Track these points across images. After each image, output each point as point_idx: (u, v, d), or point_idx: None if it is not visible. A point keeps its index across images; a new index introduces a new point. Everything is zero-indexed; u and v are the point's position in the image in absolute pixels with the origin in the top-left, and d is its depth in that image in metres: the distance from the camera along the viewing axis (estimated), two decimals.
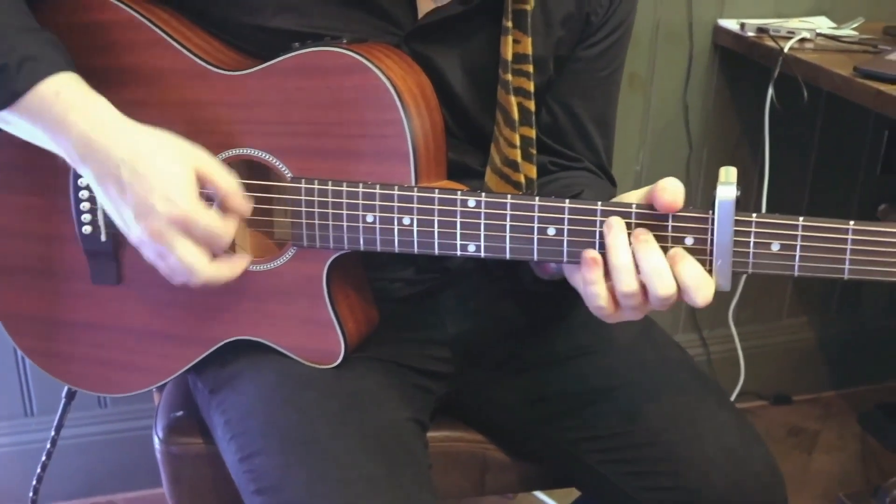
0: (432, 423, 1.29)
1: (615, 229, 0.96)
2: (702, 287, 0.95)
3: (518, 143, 1.15)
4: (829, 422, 2.44)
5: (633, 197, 1.00)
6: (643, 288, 0.96)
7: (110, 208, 1.05)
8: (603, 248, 0.98)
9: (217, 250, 1.05)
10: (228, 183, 1.05)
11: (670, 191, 0.95)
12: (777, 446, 2.30)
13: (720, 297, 2.27)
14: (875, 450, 2.33)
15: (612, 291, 0.98)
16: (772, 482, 1.18)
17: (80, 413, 1.99)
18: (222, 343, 1.17)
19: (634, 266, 0.96)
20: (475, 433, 1.34)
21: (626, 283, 0.96)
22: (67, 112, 1.02)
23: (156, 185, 1.00)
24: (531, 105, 1.15)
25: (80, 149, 1.03)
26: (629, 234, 0.97)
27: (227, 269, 1.07)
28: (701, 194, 2.22)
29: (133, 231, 1.03)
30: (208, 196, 1.05)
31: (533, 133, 1.16)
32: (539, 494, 2.06)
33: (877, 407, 2.43)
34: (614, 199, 1.01)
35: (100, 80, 1.07)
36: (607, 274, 0.98)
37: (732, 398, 2.38)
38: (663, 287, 0.95)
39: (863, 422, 2.42)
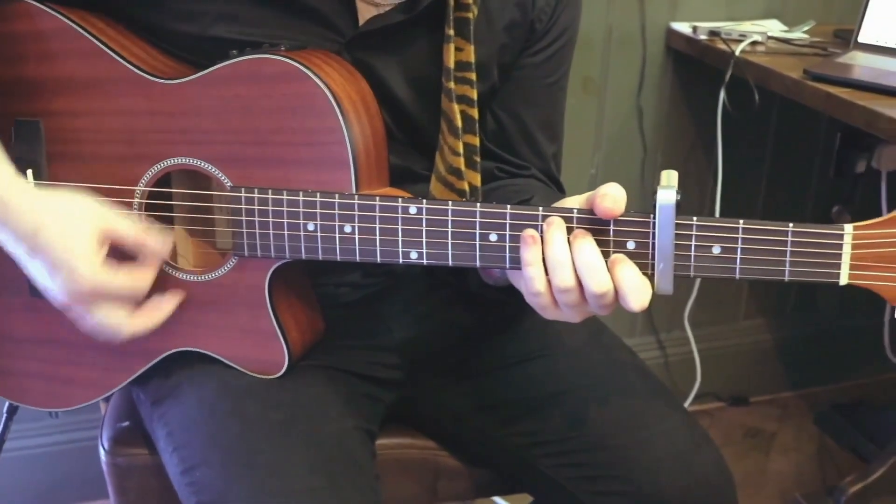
0: (382, 431, 1.28)
1: (554, 226, 0.96)
2: (637, 291, 0.94)
3: (461, 151, 1.14)
4: (786, 422, 2.46)
5: (576, 201, 0.99)
6: (580, 285, 0.95)
7: (28, 271, 1.05)
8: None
9: (135, 302, 1.06)
10: (135, 232, 1.05)
11: (611, 197, 0.94)
12: (734, 447, 2.32)
13: (676, 299, 2.31)
14: (831, 450, 2.35)
15: (550, 287, 0.97)
16: (722, 484, 1.18)
17: (30, 424, 1.97)
18: (165, 354, 1.16)
19: (572, 263, 0.95)
20: (426, 440, 1.33)
21: (562, 277, 0.95)
22: None
23: (57, 260, 1.01)
24: (474, 113, 1.15)
25: None
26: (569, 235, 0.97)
27: (149, 317, 1.08)
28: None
29: (51, 294, 1.04)
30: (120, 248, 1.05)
31: (476, 141, 1.16)
32: (498, 500, 2.05)
33: (833, 407, 2.45)
34: (556, 204, 1.01)
35: (34, 91, 1.06)
36: (547, 270, 0.97)
37: (689, 400, 2.39)
38: (597, 283, 0.94)
39: (819, 422, 2.43)
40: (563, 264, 0.95)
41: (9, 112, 1.05)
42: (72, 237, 1.01)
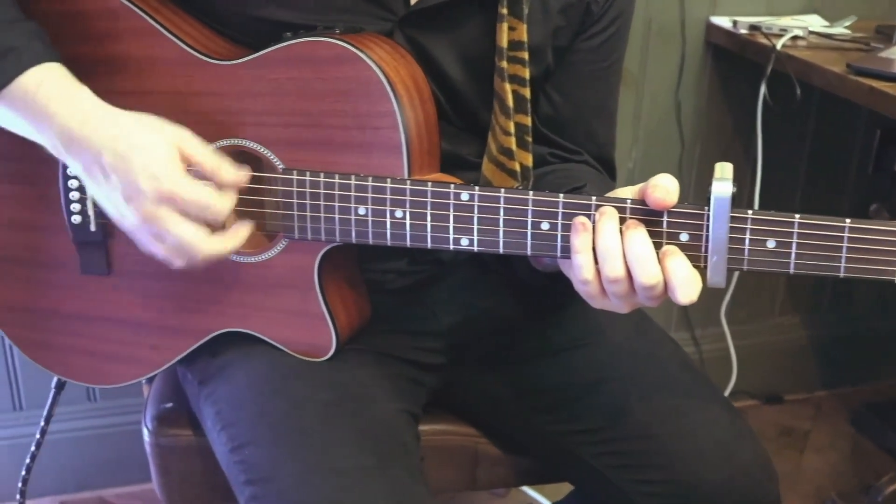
0: (424, 417, 1.28)
1: (607, 215, 0.96)
2: (686, 285, 0.93)
3: (513, 130, 1.14)
4: (821, 421, 2.44)
5: (628, 192, 0.99)
6: (629, 276, 0.95)
7: (101, 197, 1.05)
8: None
9: (214, 223, 1.04)
10: (212, 159, 1.04)
11: (662, 187, 0.94)
12: (769, 446, 2.27)
13: (712, 296, 2.30)
14: (867, 449, 2.34)
15: (599, 276, 0.97)
16: (764, 477, 1.18)
17: (70, 407, 1.99)
18: (213, 335, 1.17)
19: (623, 253, 0.95)
20: (467, 426, 1.33)
21: (612, 267, 0.95)
22: (49, 103, 1.02)
23: (138, 163, 1.00)
24: (526, 93, 1.15)
25: (64, 140, 1.03)
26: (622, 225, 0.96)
27: (229, 240, 1.06)
28: (693, 192, 2.22)
29: (126, 216, 1.03)
30: (198, 174, 1.04)
31: (528, 121, 1.15)
32: (529, 491, 2.05)
33: (869, 407, 2.43)
34: (608, 195, 1.00)
35: (88, 70, 1.07)
36: (597, 259, 0.97)
37: None
38: (646, 275, 0.93)
39: (855, 422, 2.42)
40: (614, 254, 0.95)
41: None
42: (154, 144, 1.01)
